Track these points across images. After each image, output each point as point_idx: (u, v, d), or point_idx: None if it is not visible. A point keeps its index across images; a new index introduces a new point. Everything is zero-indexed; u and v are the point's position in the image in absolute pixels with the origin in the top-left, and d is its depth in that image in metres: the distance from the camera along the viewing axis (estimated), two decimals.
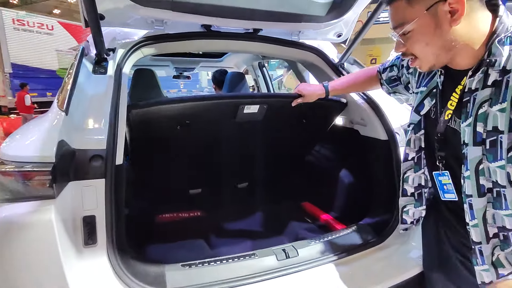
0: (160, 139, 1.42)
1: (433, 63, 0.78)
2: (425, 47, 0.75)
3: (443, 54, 0.75)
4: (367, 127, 1.49)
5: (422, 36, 0.74)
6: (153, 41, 1.36)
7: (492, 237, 0.76)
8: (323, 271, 1.14)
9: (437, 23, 0.72)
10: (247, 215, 1.84)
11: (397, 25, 0.76)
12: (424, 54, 0.77)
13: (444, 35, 0.72)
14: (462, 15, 0.69)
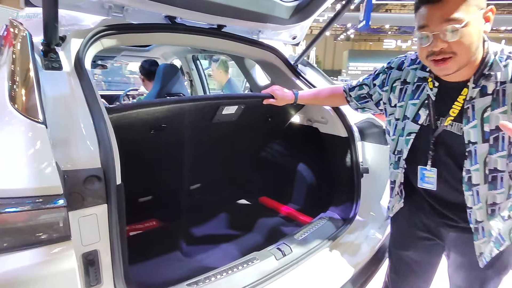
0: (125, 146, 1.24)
1: (461, 65, 0.81)
2: (468, 46, 0.78)
3: (471, 57, 0.80)
4: (328, 125, 1.63)
5: (471, 34, 0.77)
6: (116, 31, 1.15)
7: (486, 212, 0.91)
8: (315, 260, 1.24)
9: (479, 28, 0.78)
10: (209, 217, 1.79)
11: (453, 19, 0.75)
12: (464, 54, 0.78)
13: (480, 39, 0.79)
14: (491, 24, 0.79)
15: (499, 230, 0.91)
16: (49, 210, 0.60)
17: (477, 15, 0.77)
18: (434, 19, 0.78)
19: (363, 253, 1.35)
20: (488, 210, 0.90)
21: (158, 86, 2.44)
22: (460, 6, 0.75)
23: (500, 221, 0.91)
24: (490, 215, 0.91)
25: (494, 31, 28.40)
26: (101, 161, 0.78)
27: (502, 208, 0.91)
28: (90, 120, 0.84)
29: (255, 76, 2.18)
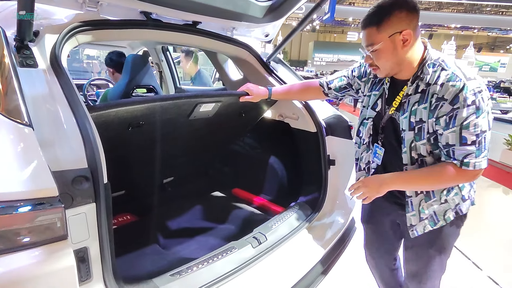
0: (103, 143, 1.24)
1: (388, 72, 1.09)
2: (385, 62, 1.05)
3: (395, 67, 1.06)
4: (298, 121, 1.74)
5: (384, 54, 1.03)
6: (92, 27, 1.13)
7: (420, 193, 1.10)
8: (288, 246, 1.35)
9: (394, 47, 1.01)
10: (183, 210, 1.83)
11: (368, 45, 1.04)
12: (384, 66, 1.07)
13: (398, 55, 1.02)
14: (409, 43, 1.00)
15: (434, 210, 1.11)
16: (47, 211, 0.62)
17: (390, 39, 0.99)
18: (362, 42, 1.07)
19: (330, 236, 1.49)
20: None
21: (127, 78, 2.38)
22: (372, 35, 1.01)
23: (436, 204, 1.10)
24: (421, 194, 1.10)
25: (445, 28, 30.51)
26: (87, 161, 0.80)
27: (436, 192, 1.09)
28: (73, 120, 0.85)
29: (227, 70, 2.22)
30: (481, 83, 0.94)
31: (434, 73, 1.00)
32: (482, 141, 0.94)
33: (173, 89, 2.99)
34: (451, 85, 0.94)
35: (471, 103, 0.91)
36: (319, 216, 1.61)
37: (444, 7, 23.67)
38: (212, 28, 1.64)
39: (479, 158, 0.95)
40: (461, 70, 0.97)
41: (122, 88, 2.34)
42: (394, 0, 0.98)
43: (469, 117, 0.92)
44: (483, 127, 0.93)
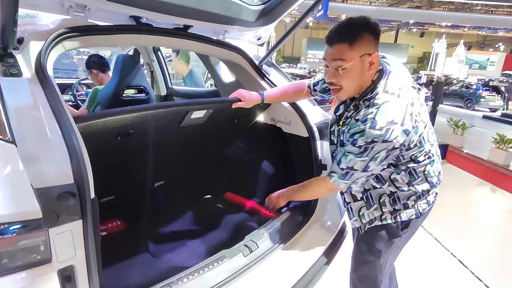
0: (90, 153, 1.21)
1: (350, 95, 1.11)
2: (351, 82, 1.05)
3: (357, 90, 1.08)
4: (290, 126, 1.73)
5: (352, 74, 1.02)
6: (79, 33, 1.10)
7: (359, 199, 1.20)
8: (280, 254, 1.35)
9: (362, 68, 1.02)
10: (174, 215, 1.82)
11: (338, 60, 1.01)
12: (349, 87, 1.06)
13: (362, 77, 1.04)
14: (374, 67, 1.03)
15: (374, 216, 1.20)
16: (30, 235, 0.60)
17: (359, 60, 1.00)
18: (328, 58, 1.04)
19: (322, 242, 1.50)
20: (355, 196, 1.21)
21: (117, 78, 2.33)
22: (344, 51, 0.99)
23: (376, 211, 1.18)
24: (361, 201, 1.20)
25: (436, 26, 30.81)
26: (74, 176, 0.78)
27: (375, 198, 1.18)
28: (58, 133, 0.83)
29: (219, 72, 2.20)
30: (383, 135, 0.96)
31: (362, 108, 1.05)
32: (348, 174, 1.07)
33: (164, 89, 2.95)
34: (358, 125, 1.02)
35: (357, 146, 1.00)
36: (311, 222, 1.61)
37: (436, 6, 23.88)
38: (204, 32, 1.61)
39: (340, 180, 1.09)
40: (376, 116, 0.98)
41: (112, 89, 2.30)
42: (366, 21, 1.00)
43: (350, 153, 1.03)
44: (356, 167, 1.04)
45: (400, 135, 0.97)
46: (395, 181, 1.13)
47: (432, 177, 1.14)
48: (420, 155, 1.08)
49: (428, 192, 1.16)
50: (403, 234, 1.20)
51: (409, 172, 1.11)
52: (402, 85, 1.05)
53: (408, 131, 0.99)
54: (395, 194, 1.15)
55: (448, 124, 6.72)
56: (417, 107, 1.04)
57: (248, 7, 1.54)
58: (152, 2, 1.21)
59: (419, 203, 1.16)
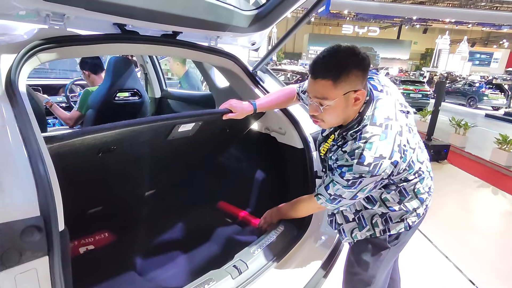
0: (69, 170, 1.15)
1: (332, 126, 1.09)
2: (334, 117, 1.02)
3: (341, 122, 1.06)
4: (285, 136, 1.67)
5: (334, 111, 0.99)
6: (56, 44, 1.03)
7: (352, 221, 1.19)
8: (272, 274, 1.29)
9: (346, 105, 0.98)
10: (165, 225, 1.76)
11: (321, 97, 0.97)
12: (331, 122, 1.05)
13: (347, 112, 1.01)
14: (360, 102, 0.99)
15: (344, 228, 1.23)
16: None
17: (343, 97, 0.95)
18: (311, 92, 1.00)
19: (316, 258, 1.43)
20: (347, 217, 1.22)
21: (109, 81, 2.27)
22: (327, 89, 0.95)
23: (369, 232, 1.18)
24: (353, 222, 1.20)
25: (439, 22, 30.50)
26: (40, 208, 0.72)
27: (368, 220, 1.18)
28: (26, 159, 0.76)
29: (213, 77, 2.13)
30: (370, 170, 0.94)
31: (349, 140, 1.02)
32: (336, 200, 1.07)
33: (159, 91, 2.88)
34: (346, 158, 0.99)
35: (345, 179, 0.99)
36: (305, 237, 1.55)
37: (440, 2, 23.58)
38: (195, 37, 1.54)
39: (327, 203, 1.11)
40: (363, 151, 0.95)
41: (104, 93, 2.23)
42: (355, 54, 0.93)
43: (339, 183, 1.02)
44: (344, 196, 1.04)
45: (388, 168, 0.97)
46: (386, 200, 1.12)
47: (422, 194, 1.14)
48: (409, 175, 1.07)
49: (418, 208, 1.16)
50: (392, 247, 1.19)
51: (399, 191, 1.10)
52: (390, 113, 1.02)
53: (396, 162, 0.98)
54: (387, 215, 1.14)
55: (450, 123, 6.64)
56: (405, 135, 1.01)
57: (241, 13, 1.46)
58: (135, 11, 1.14)
59: (408, 217, 1.15)
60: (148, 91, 2.87)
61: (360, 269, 1.23)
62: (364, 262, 1.21)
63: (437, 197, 1.24)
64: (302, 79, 9.74)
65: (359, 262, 1.23)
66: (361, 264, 1.22)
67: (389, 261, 1.25)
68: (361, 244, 1.21)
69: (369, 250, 1.19)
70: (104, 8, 1.06)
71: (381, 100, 1.03)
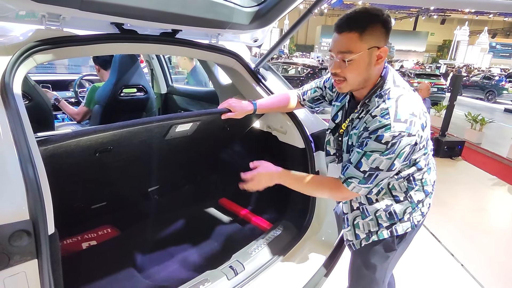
0: (67, 168, 1.16)
1: (353, 88, 1.03)
2: (356, 75, 0.98)
3: (362, 83, 1.01)
4: (286, 135, 1.64)
5: (358, 66, 0.96)
6: (51, 45, 1.03)
7: (356, 209, 1.15)
8: (268, 276, 1.28)
9: (370, 61, 0.96)
10: (166, 222, 1.78)
11: (345, 51, 0.94)
12: (353, 80, 0.99)
13: (369, 71, 0.97)
14: (382, 61, 0.97)
15: (369, 229, 1.15)
16: None
17: (368, 52, 0.93)
18: (335, 47, 0.97)
19: (316, 261, 1.42)
20: (352, 206, 1.16)
21: (115, 78, 2.28)
22: (352, 42, 0.92)
23: (372, 222, 1.13)
24: (357, 211, 1.15)
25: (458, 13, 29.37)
26: (29, 212, 0.73)
27: (371, 211, 1.12)
28: (16, 163, 0.77)
29: (217, 74, 2.11)
30: (408, 127, 0.91)
31: (376, 104, 0.98)
32: (372, 176, 0.97)
33: (165, 87, 2.88)
34: (379, 120, 0.93)
35: (384, 142, 0.91)
36: (305, 238, 1.54)
37: None
38: (195, 35, 1.52)
39: (360, 185, 0.99)
40: (397, 108, 0.93)
41: (110, 89, 2.25)
42: (381, 13, 0.93)
43: (375, 151, 0.93)
44: (381, 167, 0.95)
45: (420, 129, 0.94)
46: (393, 189, 1.09)
47: (428, 186, 1.12)
48: (422, 159, 1.05)
49: (422, 203, 1.13)
50: (398, 248, 1.17)
51: (407, 179, 1.07)
52: (403, 83, 1.02)
53: (423, 125, 0.96)
54: (391, 207, 1.10)
55: (465, 118, 6.43)
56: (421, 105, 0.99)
57: (241, 10, 1.43)
58: (132, 10, 1.12)
59: (414, 215, 1.13)
60: (154, 87, 2.88)
61: (369, 271, 1.21)
62: (373, 265, 1.19)
63: (449, 195, 1.20)
64: (313, 72, 9.59)
65: (367, 265, 1.20)
66: (369, 267, 1.20)
67: (395, 262, 1.24)
68: (369, 247, 1.17)
69: (377, 253, 1.17)
70: (99, 8, 1.05)
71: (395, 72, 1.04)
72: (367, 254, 1.19)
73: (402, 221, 1.11)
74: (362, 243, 1.17)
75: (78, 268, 1.33)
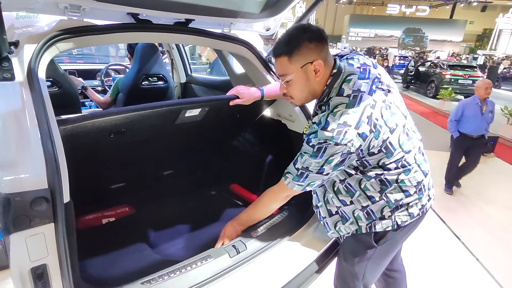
0: (86, 148, 1.27)
1: (303, 102, 1.15)
2: (299, 92, 1.07)
3: (310, 97, 1.10)
4: (295, 123, 1.67)
5: (297, 84, 1.05)
6: (73, 34, 1.13)
7: (335, 214, 1.19)
8: (270, 256, 1.33)
9: (307, 77, 1.03)
10: (179, 204, 1.87)
11: (282, 74, 1.05)
12: (299, 96, 1.10)
13: (311, 85, 1.05)
14: (321, 73, 1.02)
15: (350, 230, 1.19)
16: None
17: (301, 70, 1.01)
18: (276, 71, 1.08)
19: (317, 246, 1.45)
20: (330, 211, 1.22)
21: (136, 67, 2.41)
22: (284, 66, 1.02)
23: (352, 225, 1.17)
24: (336, 215, 1.20)
25: None
26: (48, 181, 0.83)
27: (350, 213, 1.16)
28: (38, 138, 0.87)
29: (231, 63, 2.16)
30: (334, 137, 0.93)
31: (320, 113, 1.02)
32: (303, 175, 1.04)
33: (184, 77, 2.98)
34: (313, 126, 1.00)
35: (311, 145, 0.98)
36: (309, 223, 1.57)
37: None
38: (207, 24, 1.57)
39: (294, 182, 1.07)
40: (328, 118, 0.96)
41: (132, 77, 2.39)
42: (301, 31, 1.00)
43: (306, 153, 1.00)
44: (310, 168, 1.01)
45: (355, 139, 0.94)
46: (366, 189, 1.08)
47: (408, 187, 1.08)
48: (389, 162, 1.03)
49: (407, 204, 1.10)
50: (379, 246, 1.16)
51: (380, 180, 1.06)
52: (362, 87, 1.00)
53: (365, 135, 0.95)
54: (368, 208, 1.11)
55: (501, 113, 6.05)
56: (379, 110, 0.98)
57: None
58: (147, 1, 1.20)
59: (397, 214, 1.10)
60: (174, 76, 2.99)
61: (347, 263, 1.25)
62: (350, 258, 1.23)
63: (474, 193, 1.16)
64: None
65: (346, 257, 1.26)
66: (347, 259, 1.25)
67: (379, 260, 1.23)
68: (348, 241, 1.23)
69: (355, 247, 1.20)
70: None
71: (354, 75, 1.02)
72: (347, 247, 1.25)
73: (382, 219, 1.10)
74: (345, 236, 1.24)
75: (97, 240, 1.46)
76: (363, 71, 1.04)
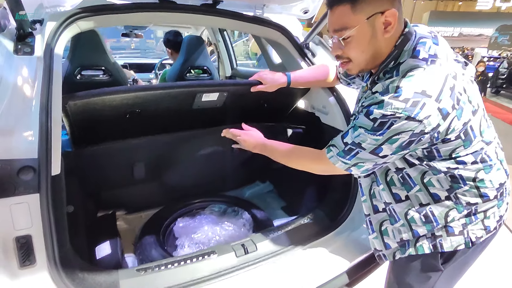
0: (105, 127, 1.28)
1: (362, 68, 0.86)
2: (360, 53, 0.82)
3: (371, 61, 0.84)
4: (328, 116, 1.47)
5: (360, 42, 0.80)
6: (93, 13, 1.14)
7: (382, 211, 0.96)
8: (281, 263, 1.17)
9: (373, 33, 0.79)
10: None
11: (339, 29, 0.80)
12: (358, 60, 0.84)
13: (377, 44, 0.80)
14: (393, 28, 0.77)
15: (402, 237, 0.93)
16: None
17: (367, 23, 0.77)
18: (330, 26, 0.83)
19: (339, 263, 1.23)
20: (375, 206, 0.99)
21: (182, 58, 2.45)
22: (345, 17, 0.78)
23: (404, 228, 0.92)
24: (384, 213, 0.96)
25: None
26: (38, 152, 0.82)
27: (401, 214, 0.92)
28: (37, 111, 0.87)
29: (270, 52, 2.04)
30: (408, 109, 0.71)
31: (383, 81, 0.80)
32: (352, 152, 0.82)
33: (230, 70, 2.96)
34: (376, 96, 0.77)
35: (371, 119, 0.76)
36: (337, 232, 1.36)
37: None
38: (238, 7, 1.48)
39: (339, 157, 0.85)
40: (400, 83, 0.74)
41: (178, 69, 2.43)
42: None
43: (362, 126, 0.78)
44: (364, 145, 0.79)
45: (434, 115, 0.71)
46: (430, 185, 0.85)
47: (487, 189, 0.83)
48: (465, 154, 0.79)
49: (483, 212, 0.84)
50: (446, 269, 0.90)
51: (451, 176, 0.82)
52: (440, 53, 0.78)
53: (446, 111, 0.72)
54: (427, 208, 0.86)
55: None
56: (461, 83, 0.77)
57: None
58: None
59: (470, 228, 0.85)
60: (220, 69, 2.99)
61: None
62: (407, 285, 0.97)
63: None
64: None
65: (400, 283, 1.00)
66: (401, 284, 0.99)
67: (444, 286, 0.96)
68: (405, 262, 0.95)
69: (413, 270, 0.94)
70: None
71: (428, 39, 0.80)
72: (402, 271, 0.98)
73: (450, 233, 0.85)
74: (396, 256, 0.95)
75: None
76: (434, 37, 0.83)
